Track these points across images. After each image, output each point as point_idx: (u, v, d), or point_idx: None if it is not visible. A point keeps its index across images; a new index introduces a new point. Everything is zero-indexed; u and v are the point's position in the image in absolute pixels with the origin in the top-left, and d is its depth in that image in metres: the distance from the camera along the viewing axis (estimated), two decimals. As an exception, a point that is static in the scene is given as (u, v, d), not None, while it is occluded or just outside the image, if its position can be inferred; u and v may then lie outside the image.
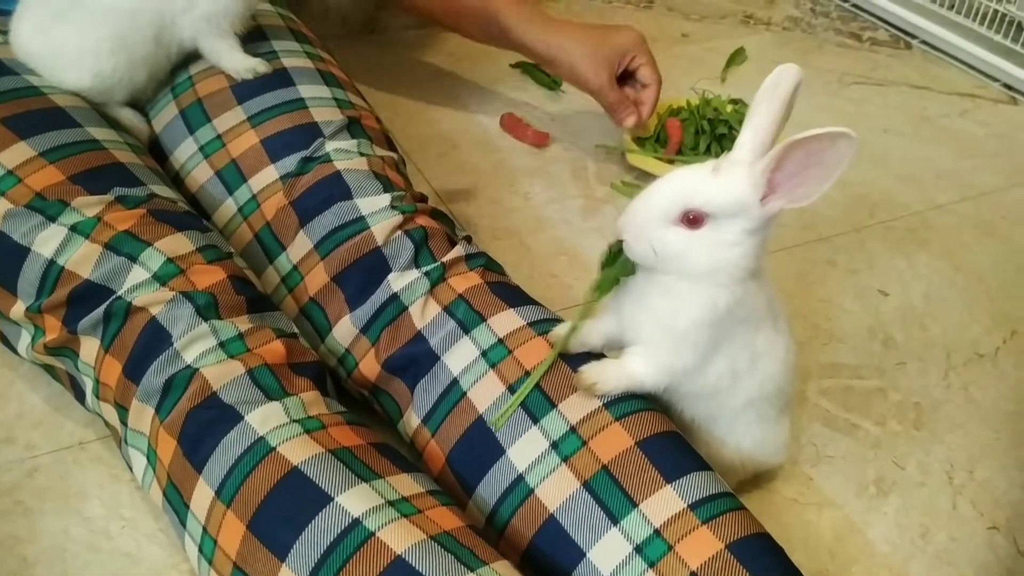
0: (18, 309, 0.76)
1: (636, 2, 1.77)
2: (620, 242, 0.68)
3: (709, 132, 1.27)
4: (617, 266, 0.69)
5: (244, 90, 0.91)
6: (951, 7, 1.60)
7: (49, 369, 0.80)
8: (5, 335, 0.81)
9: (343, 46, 1.48)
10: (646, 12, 1.74)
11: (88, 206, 0.76)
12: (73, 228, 0.75)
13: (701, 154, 1.26)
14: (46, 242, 0.75)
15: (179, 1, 0.88)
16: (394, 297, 0.79)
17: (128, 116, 0.93)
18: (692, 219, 0.65)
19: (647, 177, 1.24)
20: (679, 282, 0.67)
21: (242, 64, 0.92)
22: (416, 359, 0.78)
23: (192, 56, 0.94)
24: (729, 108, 1.34)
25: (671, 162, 1.25)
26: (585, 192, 1.22)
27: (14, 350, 0.81)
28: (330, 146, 0.87)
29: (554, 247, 1.12)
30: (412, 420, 0.78)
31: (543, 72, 1.47)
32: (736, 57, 1.57)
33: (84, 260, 0.74)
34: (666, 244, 0.66)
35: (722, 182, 0.65)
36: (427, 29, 1.59)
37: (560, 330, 0.75)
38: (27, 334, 0.77)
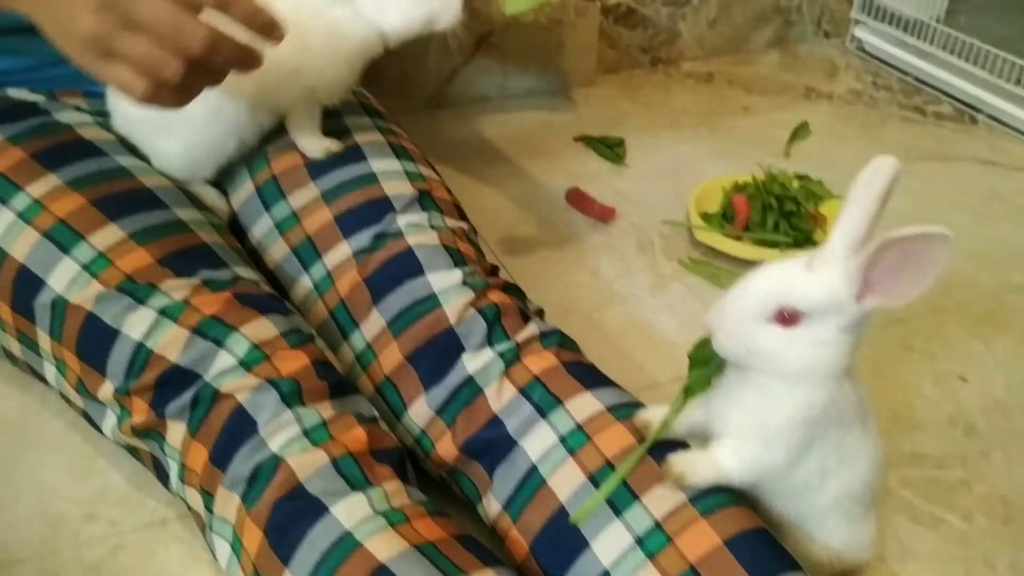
0: (106, 390, 0.77)
1: (696, 75, 1.78)
2: (709, 339, 0.68)
3: (777, 209, 1.26)
4: (710, 366, 0.69)
5: (318, 166, 0.93)
6: (1017, 82, 1.59)
7: (132, 449, 0.80)
8: (90, 414, 0.82)
9: (407, 120, 1.51)
10: (707, 86, 1.74)
11: (176, 289, 0.78)
12: (162, 311, 0.76)
13: (769, 231, 1.25)
14: (135, 325, 0.76)
15: (286, 67, 0.88)
16: (469, 380, 0.79)
17: (211, 195, 0.95)
18: (787, 317, 0.64)
19: (715, 254, 1.23)
20: (772, 380, 0.66)
21: (317, 145, 0.94)
22: (493, 443, 0.77)
23: (269, 132, 0.96)
24: (795, 184, 1.33)
25: (738, 238, 1.24)
26: (653, 267, 1.22)
27: (99, 429, 0.82)
28: (401, 220, 0.88)
29: (624, 324, 1.11)
30: (492, 505, 0.77)
31: (606, 145, 1.48)
32: (800, 132, 1.56)
33: (172, 344, 0.75)
34: (760, 342, 0.65)
35: (817, 279, 0.64)
36: (491, 103, 1.62)
37: (644, 417, 0.74)
38: (113, 415, 0.78)
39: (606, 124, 1.56)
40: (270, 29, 0.69)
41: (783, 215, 1.26)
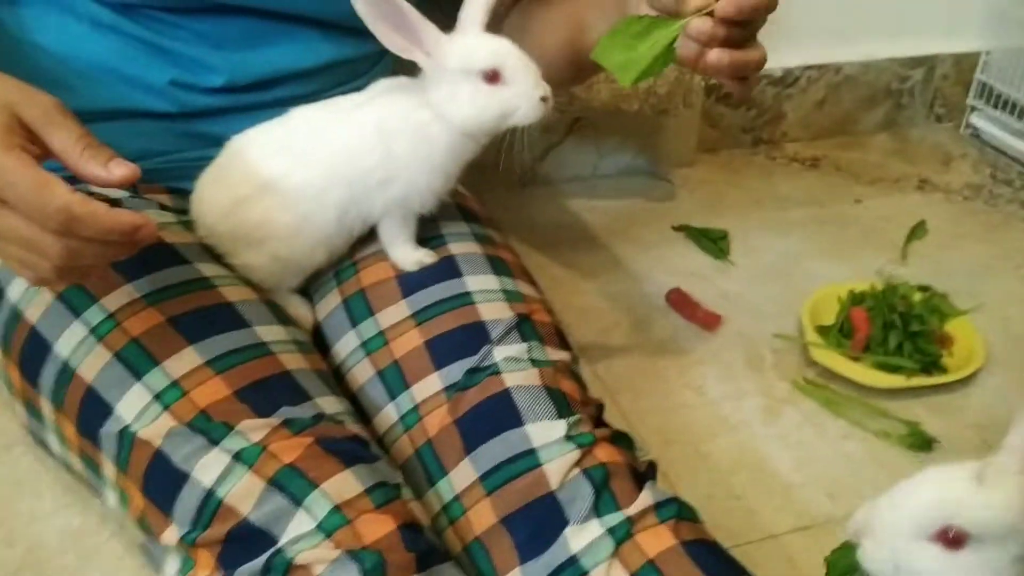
0: (171, 534, 0.69)
1: (801, 159, 1.67)
2: (852, 546, 0.57)
3: (901, 328, 1.15)
4: None
5: (410, 281, 0.85)
6: None
7: (194, 601, 0.72)
8: (151, 551, 0.74)
9: (497, 198, 1.43)
10: (813, 171, 1.64)
11: (254, 430, 0.70)
12: (236, 456, 0.68)
13: (892, 353, 1.13)
14: (207, 468, 0.68)
15: (375, 176, 0.81)
16: (573, 560, 0.69)
17: (296, 305, 0.88)
18: (952, 538, 0.54)
19: (832, 375, 1.12)
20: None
21: (410, 257, 0.86)
22: (601, 639, 0.67)
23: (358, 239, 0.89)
24: (917, 297, 1.22)
25: (857, 359, 1.13)
26: (764, 388, 1.11)
27: (158, 568, 0.74)
28: (499, 353, 0.79)
29: (733, 457, 1.00)
30: None
31: (709, 238, 1.38)
32: (916, 232, 1.44)
33: (246, 495, 0.66)
34: (915, 563, 0.55)
35: (991, 497, 0.54)
36: (584, 183, 1.53)
37: None
38: (175, 561, 0.70)
39: (707, 211, 1.47)
40: (133, 238, 0.61)
41: (907, 335, 1.14)
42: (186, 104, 0.87)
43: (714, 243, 1.36)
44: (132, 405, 0.73)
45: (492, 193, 1.27)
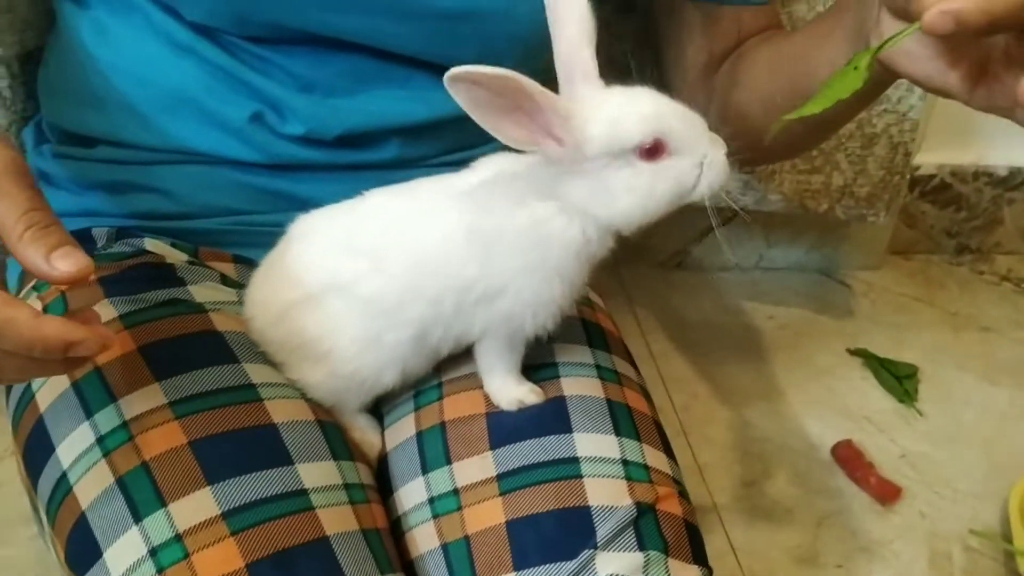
0: None
1: (1015, 278, 1.38)
2: None
3: None
4: None
5: (502, 424, 0.67)
6: None
7: None
8: None
9: (638, 278, 1.23)
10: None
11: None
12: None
13: None
14: None
15: (475, 290, 0.62)
16: None
17: (361, 427, 0.70)
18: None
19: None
20: None
21: (509, 393, 0.67)
22: None
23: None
24: None
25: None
26: (949, 603, 0.86)
27: None
28: (603, 566, 0.59)
29: None
30: None
31: (892, 374, 1.13)
32: None
33: None
34: None
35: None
36: (745, 275, 1.30)
37: None
38: None
39: (892, 333, 1.22)
40: (65, 355, 0.48)
41: None
42: (265, 149, 0.71)
43: (899, 382, 1.11)
44: (122, 556, 0.58)
45: (633, 271, 1.07)
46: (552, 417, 0.67)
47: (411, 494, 0.68)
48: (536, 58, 0.64)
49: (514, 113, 0.54)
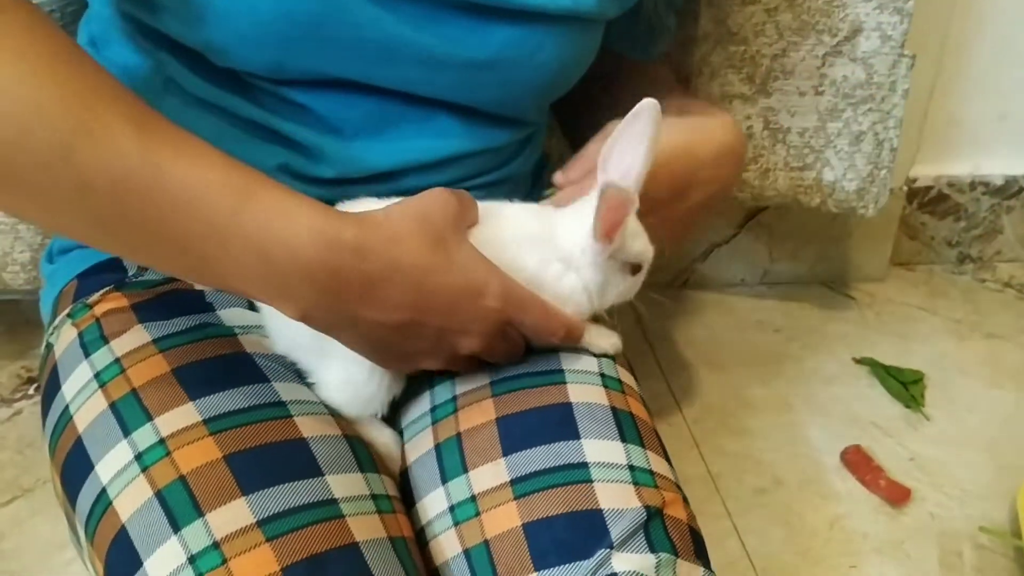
0: None
1: (1017, 285, 1.41)
2: None
3: None
4: None
5: (512, 430, 0.69)
6: None
7: None
8: None
9: (645, 298, 1.25)
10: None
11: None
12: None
13: None
14: None
15: None
16: None
17: (384, 440, 0.73)
18: None
19: (1055, 595, 0.87)
20: None
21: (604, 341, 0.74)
22: None
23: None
24: None
25: (1092, 575, 0.88)
26: (960, 600, 0.88)
27: None
28: (619, 564, 0.61)
29: None
30: None
31: (899, 381, 1.15)
32: None
33: None
34: None
35: None
36: (750, 290, 1.33)
37: None
38: None
39: (896, 342, 1.24)
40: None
41: None
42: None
43: (905, 388, 1.13)
44: (162, 565, 0.60)
45: (641, 294, 1.09)
46: (559, 425, 0.68)
47: (432, 504, 0.70)
48: (550, 97, 0.68)
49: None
